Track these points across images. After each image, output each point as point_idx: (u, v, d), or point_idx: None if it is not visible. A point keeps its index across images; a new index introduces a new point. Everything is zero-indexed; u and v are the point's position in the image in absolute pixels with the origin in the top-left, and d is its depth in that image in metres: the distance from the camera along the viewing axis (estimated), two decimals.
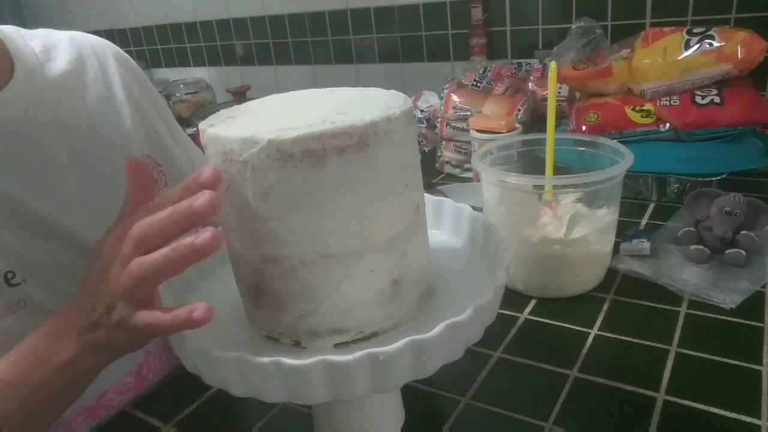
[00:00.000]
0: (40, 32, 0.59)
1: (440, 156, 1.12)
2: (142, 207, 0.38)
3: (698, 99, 0.84)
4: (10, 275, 0.48)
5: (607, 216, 0.64)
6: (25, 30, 0.58)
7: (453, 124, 1.07)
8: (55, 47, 0.58)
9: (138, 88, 0.64)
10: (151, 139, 0.62)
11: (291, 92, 0.43)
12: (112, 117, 0.59)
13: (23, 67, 0.53)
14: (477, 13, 1.38)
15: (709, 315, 0.58)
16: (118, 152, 0.57)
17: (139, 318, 0.36)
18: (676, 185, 0.85)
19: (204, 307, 0.33)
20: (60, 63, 0.57)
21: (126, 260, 0.35)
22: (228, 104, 1.57)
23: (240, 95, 1.76)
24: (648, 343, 0.55)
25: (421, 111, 1.23)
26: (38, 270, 0.50)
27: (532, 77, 1.15)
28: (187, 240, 0.33)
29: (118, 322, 0.36)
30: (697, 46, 0.83)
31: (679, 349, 0.54)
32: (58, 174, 0.53)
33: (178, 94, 2.02)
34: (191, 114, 1.84)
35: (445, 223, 0.51)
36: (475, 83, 1.11)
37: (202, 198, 0.32)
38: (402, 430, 0.46)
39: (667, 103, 0.86)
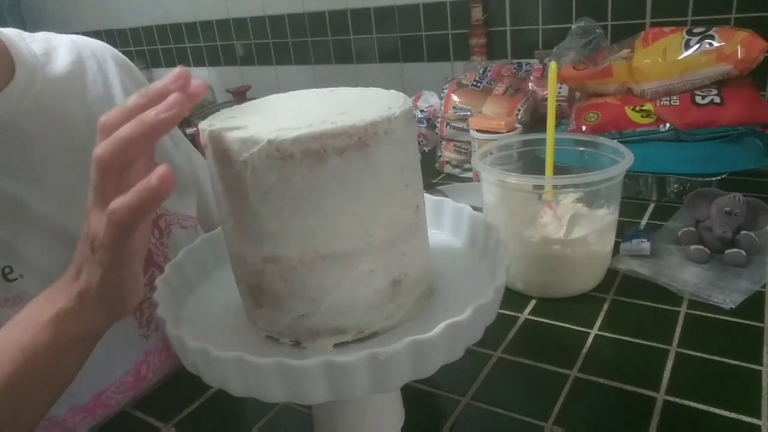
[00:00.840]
0: (42, 35, 0.60)
1: (440, 156, 1.12)
2: None
3: (698, 99, 0.84)
4: (7, 270, 0.49)
5: (607, 216, 0.64)
6: (26, 33, 0.59)
7: (453, 124, 1.07)
8: (55, 50, 0.59)
9: (137, 91, 0.64)
10: None
11: (291, 92, 0.43)
12: None
13: (24, 68, 0.53)
14: (477, 13, 1.39)
15: (709, 315, 0.58)
16: None
17: (104, 226, 0.34)
18: (676, 185, 0.85)
19: (160, 171, 0.32)
20: (60, 65, 0.58)
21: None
22: (228, 104, 1.57)
23: (240, 95, 1.76)
24: (648, 343, 0.55)
25: (421, 111, 1.23)
26: (35, 267, 0.50)
27: (532, 77, 1.14)
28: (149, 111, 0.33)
29: (92, 245, 0.35)
30: (697, 46, 0.83)
31: (679, 349, 0.54)
32: (57, 174, 0.53)
33: None
34: (191, 114, 1.84)
35: (445, 223, 0.51)
36: (475, 83, 1.11)
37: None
38: (402, 430, 0.46)
39: (667, 103, 0.86)
